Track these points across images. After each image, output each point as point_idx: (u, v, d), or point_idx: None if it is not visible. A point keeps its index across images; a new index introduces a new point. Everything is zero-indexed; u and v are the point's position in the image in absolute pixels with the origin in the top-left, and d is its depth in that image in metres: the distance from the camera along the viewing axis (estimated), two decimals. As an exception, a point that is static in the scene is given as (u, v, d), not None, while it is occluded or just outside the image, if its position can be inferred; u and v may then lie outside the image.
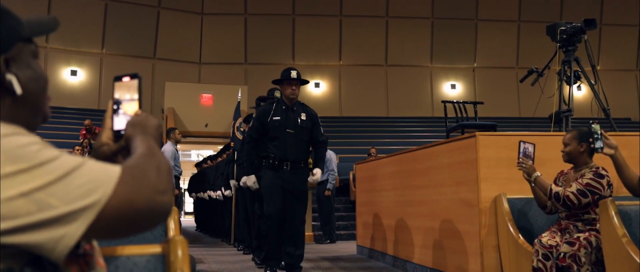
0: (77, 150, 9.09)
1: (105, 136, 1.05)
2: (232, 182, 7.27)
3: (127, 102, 1.03)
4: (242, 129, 7.26)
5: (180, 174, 8.43)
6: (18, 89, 0.87)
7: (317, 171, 4.81)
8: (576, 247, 2.85)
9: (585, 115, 7.59)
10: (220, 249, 8.00)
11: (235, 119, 8.18)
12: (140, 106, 1.03)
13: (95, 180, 0.78)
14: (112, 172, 0.80)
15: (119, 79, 1.05)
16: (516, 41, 19.27)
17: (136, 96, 1.03)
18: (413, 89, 18.82)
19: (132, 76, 1.04)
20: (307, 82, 4.92)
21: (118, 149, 1.04)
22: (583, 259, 2.82)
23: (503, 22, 19.21)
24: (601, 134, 3.03)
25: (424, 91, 19.03)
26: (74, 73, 17.21)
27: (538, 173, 3.16)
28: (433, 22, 19.12)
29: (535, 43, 16.83)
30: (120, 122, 1.03)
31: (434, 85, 19.16)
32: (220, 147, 12.99)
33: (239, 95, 9.47)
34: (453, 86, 19.23)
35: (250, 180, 4.82)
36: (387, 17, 19.03)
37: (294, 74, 4.70)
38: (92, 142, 11.13)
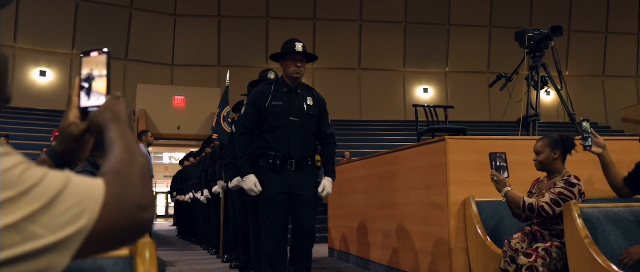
0: (45, 151, 8.92)
1: (73, 115, 1.00)
2: (220, 183, 6.12)
3: (97, 78, 0.99)
4: (229, 119, 6.40)
5: (152, 177, 8.22)
6: None
7: (327, 182, 3.72)
8: (533, 258, 2.86)
9: (552, 119, 7.75)
10: (193, 252, 7.93)
11: (221, 107, 7.01)
12: (108, 83, 0.99)
13: (80, 202, 0.72)
14: (95, 191, 0.74)
15: (87, 54, 1.01)
16: (487, 46, 19.56)
17: (104, 72, 0.99)
18: (386, 92, 18.96)
19: (101, 51, 1.00)
20: (316, 57, 3.91)
21: (86, 128, 1.00)
22: (541, 269, 2.84)
23: (474, 27, 19.49)
24: (590, 132, 3.09)
25: (396, 95, 19.18)
26: (43, 73, 16.90)
27: (508, 188, 3.11)
28: (406, 26, 19.30)
29: (506, 48, 17.11)
30: (87, 99, 0.99)
31: (407, 88, 19.33)
32: (194, 149, 12.85)
33: (227, 78, 8.19)
34: (425, 90, 19.43)
35: (249, 181, 3.60)
36: (361, 20, 19.14)
37: (299, 46, 3.65)
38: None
